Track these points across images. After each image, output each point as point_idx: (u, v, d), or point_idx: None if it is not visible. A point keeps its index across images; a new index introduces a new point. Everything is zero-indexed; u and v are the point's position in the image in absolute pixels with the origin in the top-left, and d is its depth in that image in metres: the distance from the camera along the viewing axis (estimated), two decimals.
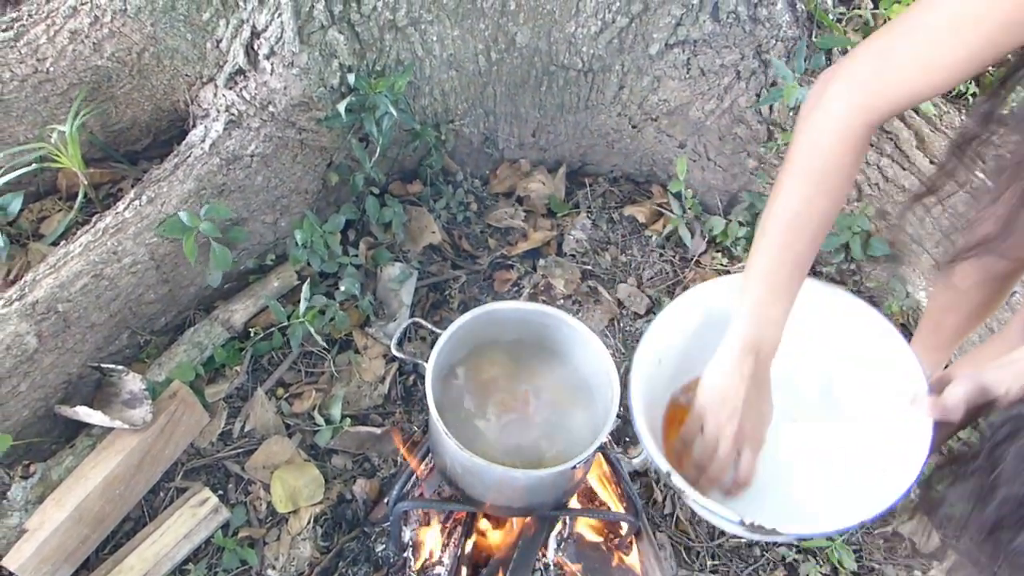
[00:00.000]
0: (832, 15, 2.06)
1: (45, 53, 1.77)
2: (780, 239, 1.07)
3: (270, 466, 1.69)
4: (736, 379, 1.06)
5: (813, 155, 1.04)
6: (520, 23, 1.85)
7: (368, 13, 1.73)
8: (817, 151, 1.04)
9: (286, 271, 1.88)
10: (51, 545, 1.42)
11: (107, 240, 1.62)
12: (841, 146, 1.02)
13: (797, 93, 1.89)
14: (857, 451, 1.15)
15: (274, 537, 1.63)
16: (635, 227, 2.19)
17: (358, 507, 1.67)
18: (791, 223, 1.06)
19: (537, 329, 1.38)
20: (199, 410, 1.66)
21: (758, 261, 1.08)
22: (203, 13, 1.75)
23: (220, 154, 1.74)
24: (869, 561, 1.70)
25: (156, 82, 1.87)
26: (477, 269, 2.07)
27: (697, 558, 1.68)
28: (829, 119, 1.02)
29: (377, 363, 1.86)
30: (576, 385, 1.38)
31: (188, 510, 1.56)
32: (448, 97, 1.97)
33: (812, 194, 1.05)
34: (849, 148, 1.02)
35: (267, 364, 1.84)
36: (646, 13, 1.86)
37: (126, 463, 1.52)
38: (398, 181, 2.13)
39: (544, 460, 1.29)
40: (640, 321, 2.00)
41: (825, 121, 1.03)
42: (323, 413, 1.75)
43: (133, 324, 1.70)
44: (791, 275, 1.07)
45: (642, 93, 2.02)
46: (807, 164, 1.05)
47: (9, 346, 1.48)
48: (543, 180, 2.20)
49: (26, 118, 1.79)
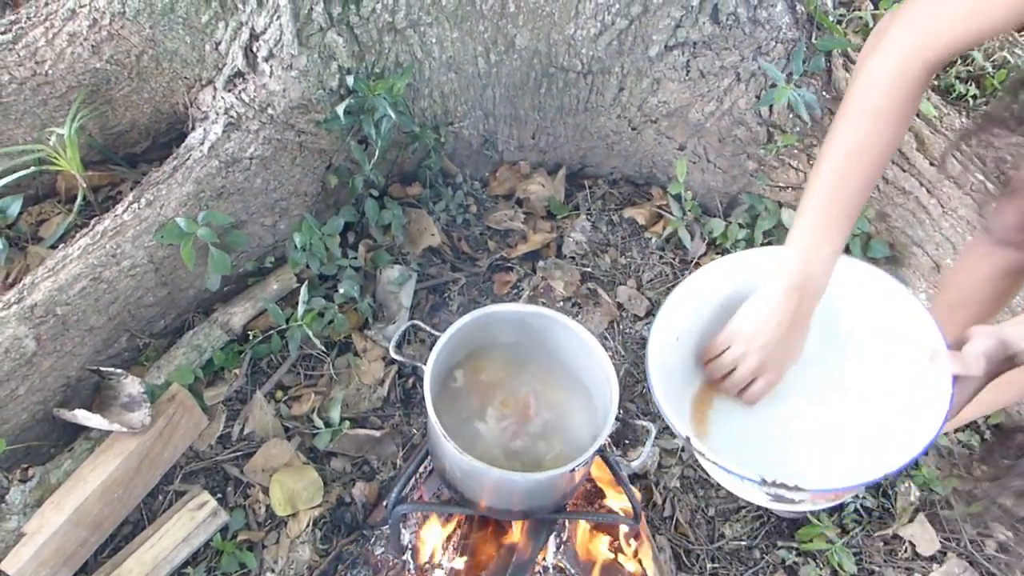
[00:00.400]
0: (832, 16, 2.05)
1: (44, 56, 1.77)
2: (833, 179, 1.07)
3: (269, 469, 1.69)
4: (776, 316, 1.07)
5: (869, 95, 1.05)
6: (519, 25, 1.85)
7: (367, 15, 1.73)
8: (874, 91, 1.04)
9: (285, 274, 1.88)
10: (49, 549, 1.42)
11: (106, 243, 1.62)
12: (897, 85, 1.03)
13: (788, 95, 1.89)
14: (878, 414, 1.15)
15: (273, 540, 1.63)
16: (635, 229, 2.18)
17: (357, 510, 1.67)
18: (845, 162, 1.06)
19: (536, 331, 1.38)
20: (198, 413, 1.66)
21: (811, 201, 1.09)
22: (202, 16, 1.75)
23: (219, 157, 1.74)
24: (869, 564, 1.69)
25: (155, 85, 1.87)
26: (476, 271, 2.06)
27: (697, 561, 1.68)
28: (886, 60, 1.03)
29: (376, 366, 1.86)
30: (575, 387, 1.38)
31: (187, 513, 1.56)
32: (447, 99, 1.97)
33: (867, 133, 1.05)
34: (905, 88, 1.03)
35: (266, 367, 1.84)
36: (645, 15, 1.86)
37: (125, 466, 1.52)
38: (397, 183, 2.13)
39: (543, 463, 1.29)
40: (640, 323, 2.00)
41: (882, 62, 1.04)
42: (322, 416, 1.75)
43: (132, 327, 1.69)
44: (843, 214, 1.07)
45: (642, 95, 2.02)
46: (863, 104, 1.05)
47: (7, 349, 1.48)
48: (543, 182, 2.20)
49: (25, 121, 1.79)
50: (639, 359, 1.94)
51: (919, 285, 1.93)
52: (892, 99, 1.03)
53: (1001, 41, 2.45)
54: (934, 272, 1.88)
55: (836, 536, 1.70)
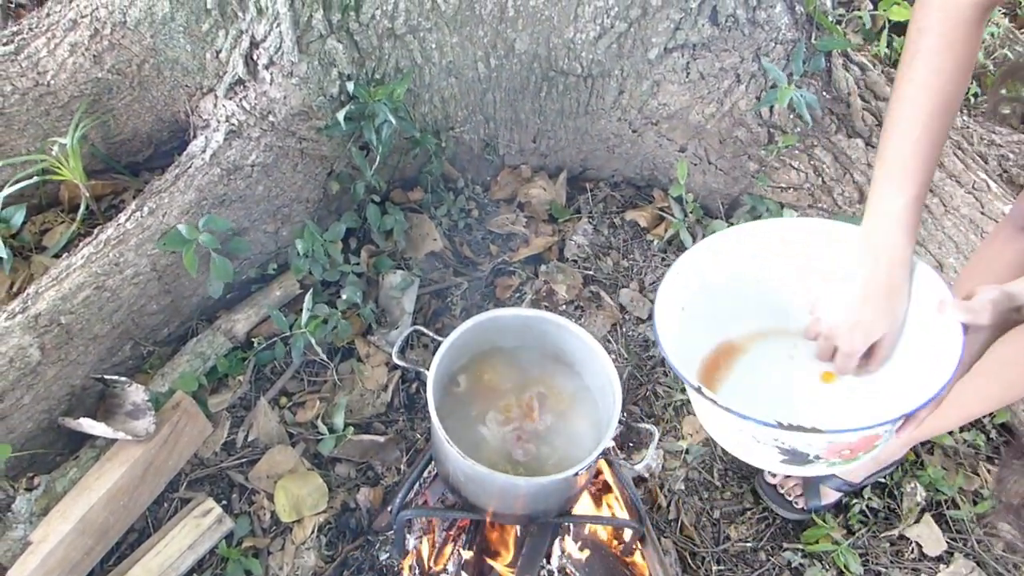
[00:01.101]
0: (831, 17, 2.05)
1: (46, 66, 1.78)
2: (897, 133, 1.08)
3: (274, 475, 1.69)
4: (866, 297, 1.08)
5: (924, 39, 1.06)
6: (519, 29, 1.85)
7: (366, 22, 1.73)
8: (929, 34, 1.06)
9: (288, 280, 1.89)
10: (56, 557, 1.42)
11: (109, 252, 1.62)
12: (950, 25, 1.04)
13: (791, 95, 1.89)
14: (891, 371, 1.14)
15: (278, 547, 1.63)
16: (637, 232, 2.18)
17: (362, 516, 1.67)
18: (910, 109, 1.07)
19: (539, 335, 1.38)
20: (202, 420, 1.67)
21: (879, 157, 1.09)
22: (202, 24, 1.76)
23: (221, 164, 1.75)
24: (875, 565, 1.69)
25: (156, 93, 1.87)
26: (479, 276, 2.06)
27: (702, 563, 1.68)
28: (936, 3, 1.05)
29: (380, 371, 1.86)
30: (578, 391, 1.38)
31: (192, 521, 1.56)
32: (448, 104, 1.98)
33: (926, 76, 1.06)
34: (959, 27, 1.04)
35: (270, 373, 1.84)
36: (644, 18, 1.86)
37: (130, 474, 1.52)
38: (399, 189, 2.14)
39: (546, 467, 1.29)
40: (643, 326, 2.00)
41: (933, 6, 1.05)
42: (326, 422, 1.75)
43: (136, 335, 1.70)
44: (913, 162, 1.07)
45: (642, 97, 2.02)
46: (919, 48, 1.07)
47: (12, 359, 1.48)
48: (544, 186, 2.20)
49: (27, 131, 1.80)
50: (642, 362, 1.94)
51: None
52: (947, 36, 1.04)
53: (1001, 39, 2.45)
54: (936, 271, 1.88)
55: (842, 537, 1.69)
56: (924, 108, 1.06)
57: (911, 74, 1.07)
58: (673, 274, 1.21)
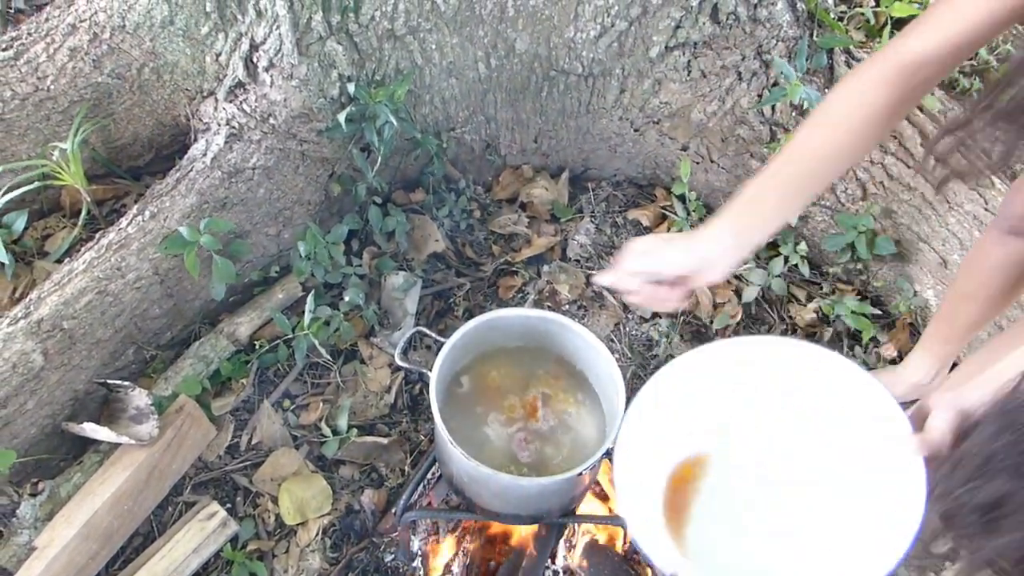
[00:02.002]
0: (833, 14, 2.05)
1: (45, 71, 1.78)
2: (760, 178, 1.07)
3: (278, 478, 1.69)
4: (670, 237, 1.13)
5: (826, 100, 1.06)
6: (519, 29, 1.85)
7: (366, 23, 1.73)
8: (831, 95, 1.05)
9: (290, 283, 1.88)
10: (61, 562, 1.43)
11: (111, 256, 1.62)
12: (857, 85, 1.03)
13: (800, 91, 1.88)
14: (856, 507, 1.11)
15: (283, 549, 1.63)
16: (639, 231, 2.18)
17: (366, 517, 1.67)
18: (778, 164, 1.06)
19: (541, 335, 1.38)
20: (206, 424, 1.66)
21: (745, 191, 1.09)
22: (202, 27, 1.75)
23: (222, 167, 1.75)
24: None
25: (156, 97, 1.87)
26: (481, 276, 2.06)
27: None
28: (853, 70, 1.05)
29: (383, 373, 1.86)
30: (581, 391, 1.38)
31: (197, 524, 1.56)
32: (449, 105, 1.97)
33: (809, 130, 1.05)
34: (869, 87, 1.02)
35: (273, 376, 1.84)
36: (645, 16, 1.86)
37: (134, 478, 1.52)
38: (400, 190, 2.13)
39: (550, 467, 1.29)
40: (646, 325, 1.99)
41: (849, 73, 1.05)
42: (330, 424, 1.75)
43: (138, 339, 1.70)
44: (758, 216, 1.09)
45: (643, 96, 2.01)
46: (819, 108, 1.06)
47: (15, 364, 1.48)
48: (546, 185, 2.20)
49: (28, 136, 1.80)
50: (645, 361, 1.94)
51: (926, 281, 1.91)
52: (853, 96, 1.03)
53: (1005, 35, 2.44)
54: (941, 268, 1.87)
55: None
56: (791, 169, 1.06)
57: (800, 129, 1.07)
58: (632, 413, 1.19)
